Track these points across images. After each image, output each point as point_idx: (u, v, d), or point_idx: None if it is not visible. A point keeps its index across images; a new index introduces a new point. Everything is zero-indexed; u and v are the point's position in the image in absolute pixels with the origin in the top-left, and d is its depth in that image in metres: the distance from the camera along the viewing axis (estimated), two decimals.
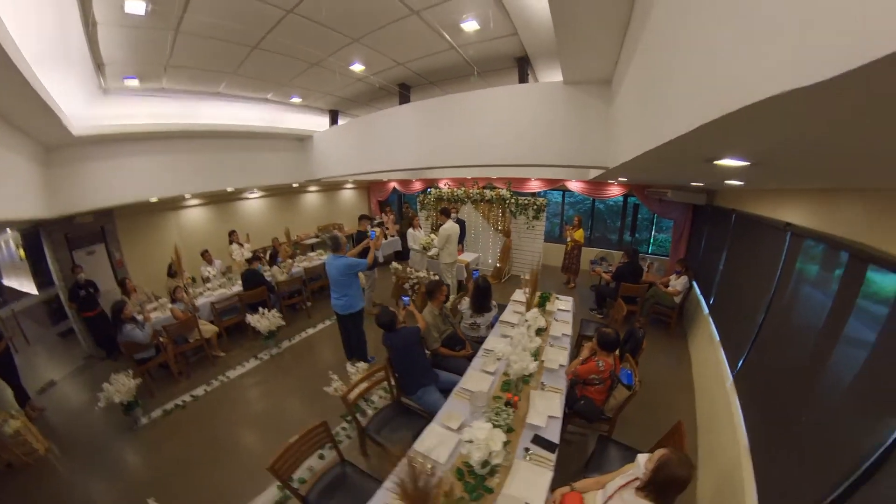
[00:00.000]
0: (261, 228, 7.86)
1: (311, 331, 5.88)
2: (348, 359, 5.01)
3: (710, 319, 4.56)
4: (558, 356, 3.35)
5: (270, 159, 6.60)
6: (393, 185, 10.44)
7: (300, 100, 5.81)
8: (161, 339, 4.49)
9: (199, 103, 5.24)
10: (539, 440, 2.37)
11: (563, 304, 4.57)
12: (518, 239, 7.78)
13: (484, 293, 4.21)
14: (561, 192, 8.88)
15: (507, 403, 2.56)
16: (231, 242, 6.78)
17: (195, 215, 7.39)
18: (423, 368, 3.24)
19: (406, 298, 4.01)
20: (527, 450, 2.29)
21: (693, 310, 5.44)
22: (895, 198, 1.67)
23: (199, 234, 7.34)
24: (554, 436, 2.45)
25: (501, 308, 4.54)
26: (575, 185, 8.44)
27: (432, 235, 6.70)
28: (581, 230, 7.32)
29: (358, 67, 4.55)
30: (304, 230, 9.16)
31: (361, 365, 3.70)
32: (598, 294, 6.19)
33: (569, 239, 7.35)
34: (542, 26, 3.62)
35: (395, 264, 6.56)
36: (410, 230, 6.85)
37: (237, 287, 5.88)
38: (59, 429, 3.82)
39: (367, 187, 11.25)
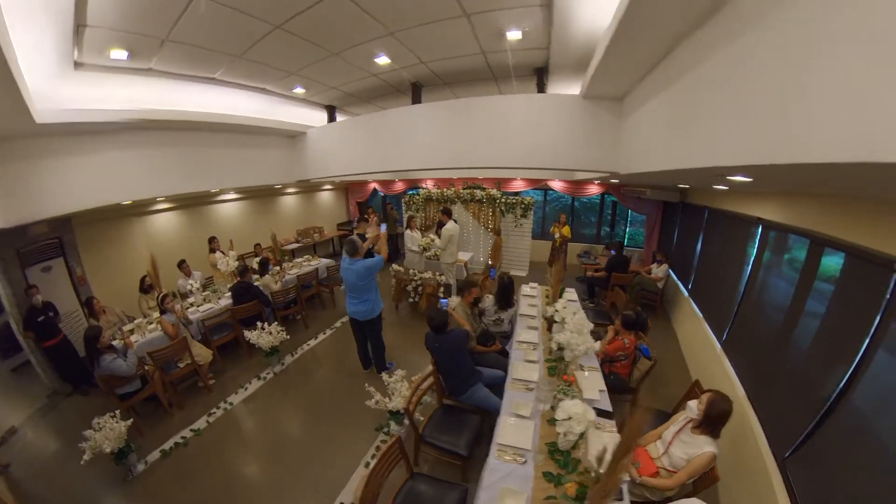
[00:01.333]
0: (238, 233, 7.06)
1: (312, 342, 5.37)
2: (365, 368, 4.63)
3: (691, 300, 5.23)
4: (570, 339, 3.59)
5: (259, 157, 5.87)
6: (373, 185, 9.85)
7: (303, 91, 5.12)
8: (146, 366, 3.72)
9: (185, 89, 4.39)
10: (599, 411, 2.63)
11: (570, 295, 4.92)
12: (506, 237, 8.00)
13: (508, 289, 4.30)
14: (542, 191, 8.91)
15: (568, 384, 2.78)
16: (212, 251, 5.92)
17: (165, 221, 6.39)
18: (470, 369, 3.21)
19: (445, 301, 3.70)
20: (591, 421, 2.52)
21: (672, 293, 6.08)
22: (837, 197, 2.42)
23: (171, 243, 6.37)
24: (607, 406, 2.78)
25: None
26: (557, 185, 8.63)
27: (431, 236, 6.39)
28: (567, 226, 7.50)
29: (382, 61, 4.25)
30: (283, 235, 8.32)
31: (400, 372, 3.53)
32: (589, 285, 6.59)
33: (557, 235, 7.47)
34: (576, 44, 3.75)
35: (395, 266, 6.14)
36: (408, 231, 6.51)
37: (224, 301, 5.28)
38: (31, 488, 3.05)
39: (346, 188, 10.52)
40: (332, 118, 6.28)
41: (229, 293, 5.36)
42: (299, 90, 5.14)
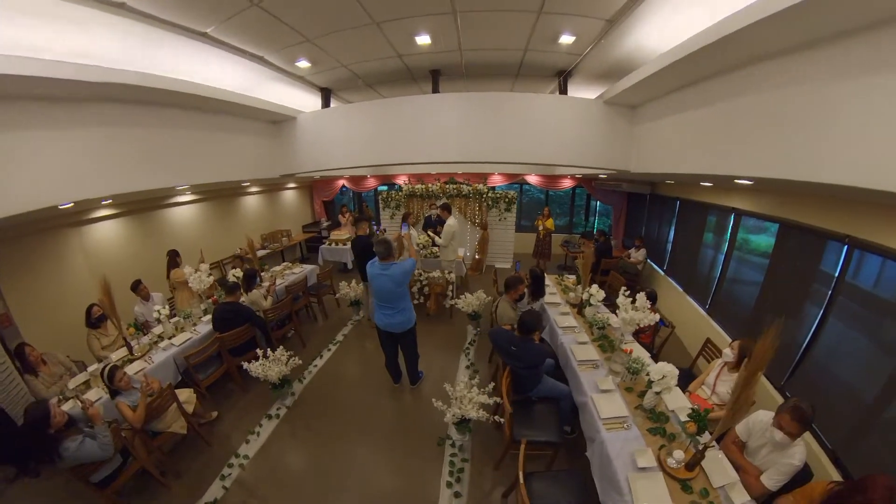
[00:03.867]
0: (199, 243, 5.72)
1: (319, 362, 4.45)
2: (396, 382, 4.18)
3: (669, 278, 6.03)
4: (610, 317, 4.12)
5: (238, 145, 4.81)
6: (342, 182, 8.73)
7: (307, 66, 4.04)
8: (123, 433, 2.64)
9: (159, 45, 3.09)
10: None
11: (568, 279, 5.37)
12: (490, 231, 8.05)
13: (540, 280, 4.39)
14: (518, 185, 8.71)
15: (629, 355, 3.13)
16: (174, 266, 4.57)
17: (106, 231, 4.83)
18: (540, 375, 3.18)
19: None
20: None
21: (648, 273, 6.88)
22: (794, 194, 3.34)
23: (116, 259, 4.91)
24: None
25: None
26: (533, 179, 8.63)
27: (430, 233, 5.80)
28: (551, 219, 7.37)
29: (422, 41, 3.76)
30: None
31: (462, 379, 3.26)
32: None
33: (541, 227, 7.29)
34: (612, 57, 3.84)
35: None
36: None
37: (202, 327, 4.23)
38: None
39: (310, 186, 9.17)
40: (326, 103, 5.20)
41: (207, 317, 4.17)
42: (303, 64, 4.14)
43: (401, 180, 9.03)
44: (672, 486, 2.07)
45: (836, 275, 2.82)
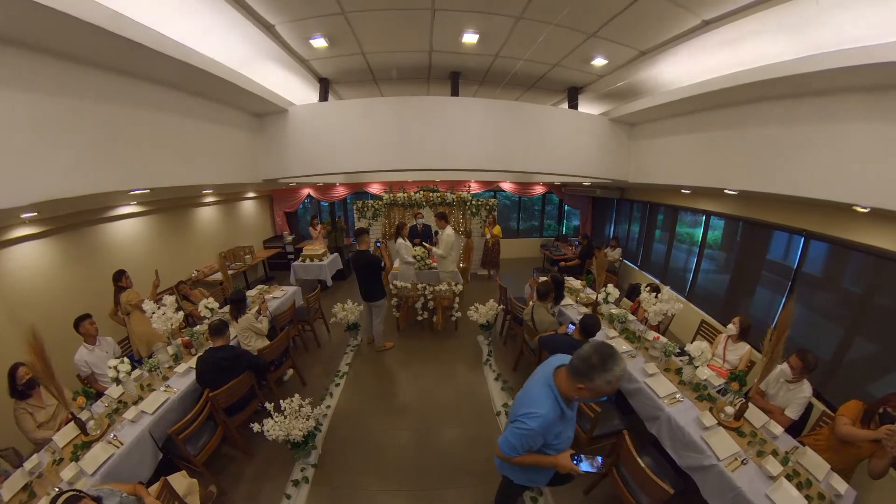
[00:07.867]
0: (141, 265, 4.59)
1: (331, 402, 3.71)
2: None
3: (645, 272, 6.62)
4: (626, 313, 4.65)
5: (215, 140, 3.69)
6: (308, 191, 7.68)
7: (324, 45, 3.24)
8: None
9: None
10: (681, 351, 3.64)
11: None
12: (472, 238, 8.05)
13: (561, 285, 4.49)
14: (492, 192, 8.62)
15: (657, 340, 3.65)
16: (123, 289, 3.44)
17: (23, 257, 3.41)
18: None
19: (572, 326, 3.53)
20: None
21: (623, 269, 7.41)
22: (752, 197, 4.11)
23: (40, 292, 3.56)
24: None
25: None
26: (507, 186, 8.58)
27: (426, 245, 5.34)
28: (498, 226, 7.84)
29: (468, 40, 3.39)
30: (205, 261, 5.63)
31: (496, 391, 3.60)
32: (561, 272, 7.24)
33: (488, 235, 7.03)
34: (627, 82, 3.99)
35: (398, 282, 4.84)
36: (400, 240, 5.24)
37: (179, 379, 3.20)
38: None
39: (270, 195, 7.84)
40: (324, 96, 4.35)
41: (181, 367, 3.16)
42: (318, 43, 3.40)
43: (373, 188, 8.26)
44: (731, 434, 2.55)
45: (797, 260, 3.76)
